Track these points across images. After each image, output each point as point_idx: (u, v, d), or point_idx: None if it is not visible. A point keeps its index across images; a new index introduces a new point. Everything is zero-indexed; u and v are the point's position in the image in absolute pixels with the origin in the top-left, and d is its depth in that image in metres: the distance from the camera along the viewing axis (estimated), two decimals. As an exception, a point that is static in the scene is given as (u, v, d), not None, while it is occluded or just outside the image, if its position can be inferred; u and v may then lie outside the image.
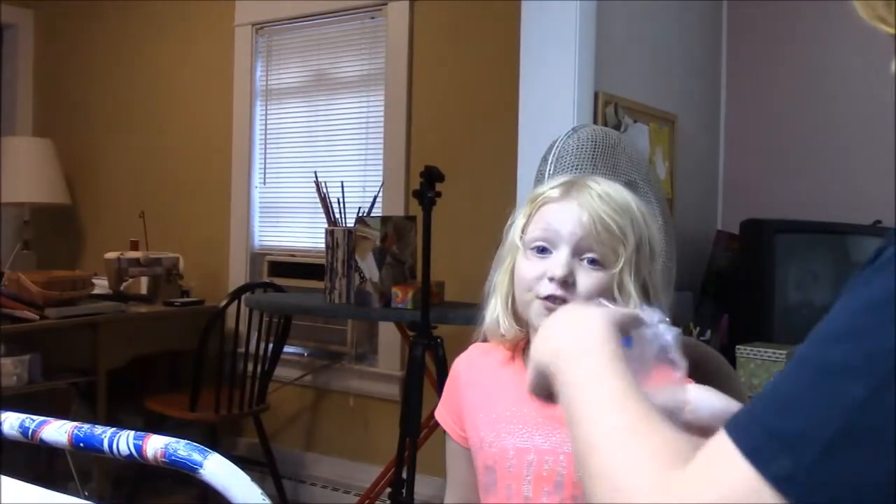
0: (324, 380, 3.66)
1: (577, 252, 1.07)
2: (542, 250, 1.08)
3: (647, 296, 1.09)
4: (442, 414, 1.24)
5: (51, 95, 4.58)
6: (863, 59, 2.55)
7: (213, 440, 3.26)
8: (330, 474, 3.60)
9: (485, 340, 1.19)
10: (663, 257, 1.22)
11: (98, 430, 0.84)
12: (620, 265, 1.07)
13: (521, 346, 1.18)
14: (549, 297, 1.06)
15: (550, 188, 1.12)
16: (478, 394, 1.18)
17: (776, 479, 0.51)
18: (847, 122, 2.82)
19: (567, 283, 1.06)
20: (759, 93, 2.98)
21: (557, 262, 1.06)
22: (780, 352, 2.25)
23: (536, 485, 1.09)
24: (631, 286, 1.07)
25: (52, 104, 4.57)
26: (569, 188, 1.10)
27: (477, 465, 1.16)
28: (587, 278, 1.06)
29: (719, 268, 2.75)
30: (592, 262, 1.07)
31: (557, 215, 1.08)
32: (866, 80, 2.68)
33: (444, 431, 1.24)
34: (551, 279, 1.06)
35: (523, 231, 1.11)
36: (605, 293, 1.06)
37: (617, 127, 2.30)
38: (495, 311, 1.14)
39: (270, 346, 3.35)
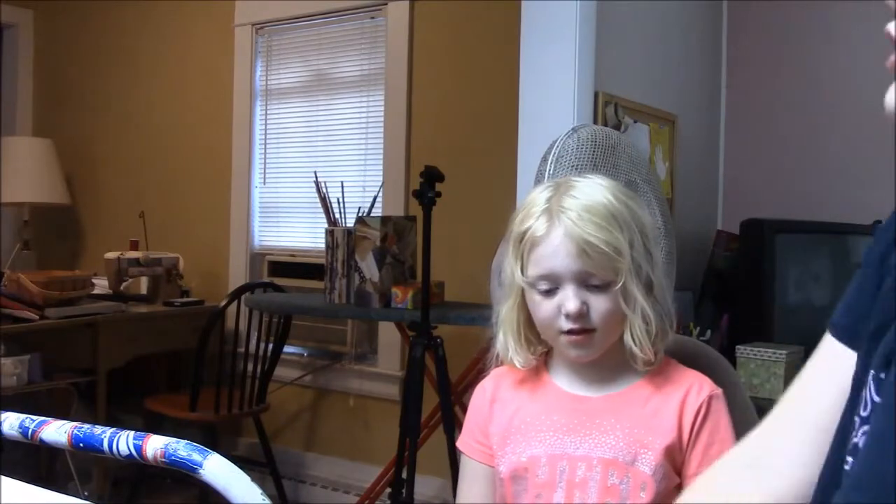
0: (324, 380, 3.66)
1: (581, 282, 1.08)
2: (549, 289, 1.10)
3: (650, 290, 1.10)
4: (465, 442, 1.22)
5: (51, 95, 4.58)
6: (862, 58, 2.55)
7: (213, 440, 3.26)
8: (330, 474, 3.60)
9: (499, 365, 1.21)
10: (663, 244, 1.22)
11: (98, 430, 0.84)
12: (622, 280, 1.08)
13: (542, 358, 1.19)
14: (570, 332, 1.09)
15: (533, 221, 1.10)
16: (507, 409, 1.18)
17: None
18: (847, 122, 2.81)
19: (582, 313, 1.08)
20: (759, 93, 2.98)
21: (567, 298, 1.08)
22: (780, 352, 2.24)
23: (569, 491, 1.09)
24: (636, 292, 1.09)
25: (52, 104, 4.57)
26: (549, 217, 1.09)
27: (502, 476, 1.14)
28: (599, 304, 1.09)
29: (719, 268, 2.75)
30: (597, 286, 1.08)
31: (550, 254, 1.08)
32: (866, 80, 2.67)
33: (461, 456, 1.22)
34: (567, 316, 1.08)
35: (522, 271, 1.11)
36: (618, 309, 1.09)
37: (617, 127, 2.30)
38: (508, 349, 1.16)
39: (270, 346, 3.35)
